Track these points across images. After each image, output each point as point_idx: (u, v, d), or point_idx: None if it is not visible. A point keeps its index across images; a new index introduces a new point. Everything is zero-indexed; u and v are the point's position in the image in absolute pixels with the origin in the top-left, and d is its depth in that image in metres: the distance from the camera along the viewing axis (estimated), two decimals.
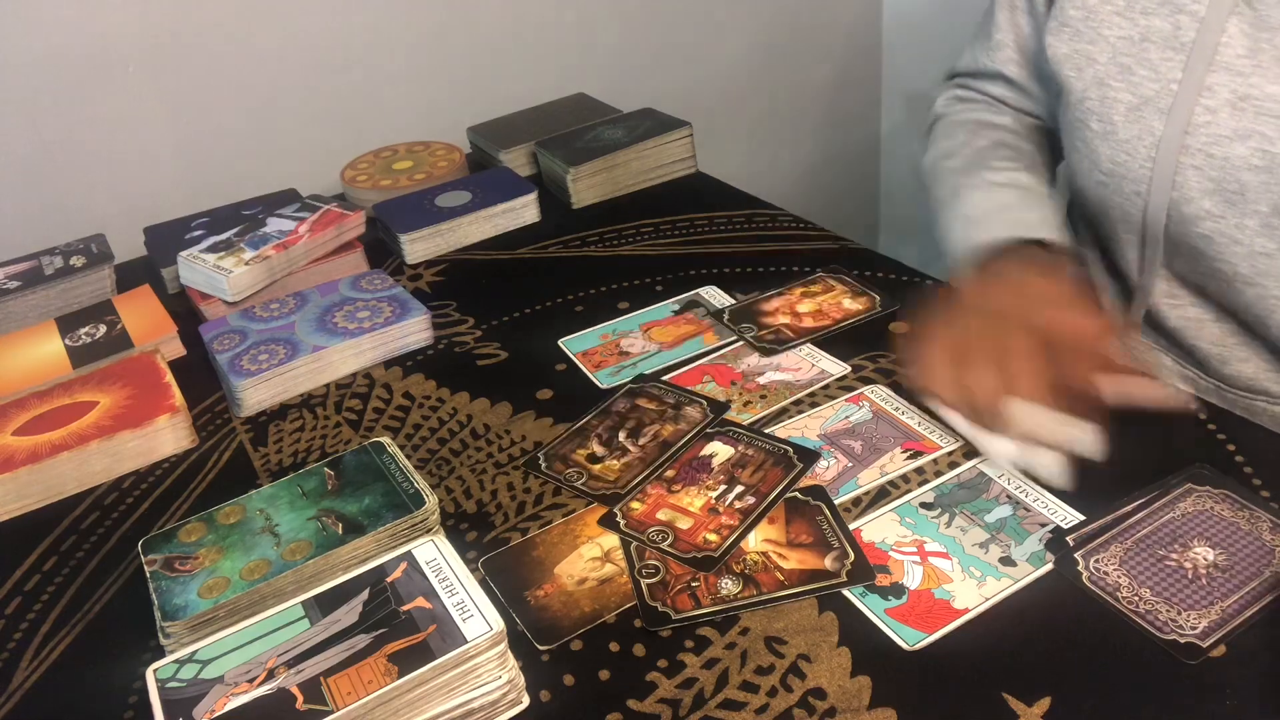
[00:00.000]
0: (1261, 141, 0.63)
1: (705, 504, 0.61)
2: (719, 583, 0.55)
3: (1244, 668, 0.47)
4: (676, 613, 0.53)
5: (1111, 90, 0.70)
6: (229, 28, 1.17)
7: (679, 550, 0.58)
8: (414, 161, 1.12)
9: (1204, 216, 0.67)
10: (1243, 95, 0.63)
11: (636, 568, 0.57)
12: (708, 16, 1.53)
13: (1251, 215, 0.65)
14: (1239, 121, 0.64)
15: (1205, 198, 0.66)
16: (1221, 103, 0.64)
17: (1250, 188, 0.64)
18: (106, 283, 0.95)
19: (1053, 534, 0.55)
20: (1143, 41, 0.68)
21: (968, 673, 0.49)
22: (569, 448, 0.68)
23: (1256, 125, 0.63)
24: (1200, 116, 0.65)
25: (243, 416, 0.77)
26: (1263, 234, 0.65)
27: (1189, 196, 0.67)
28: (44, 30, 1.07)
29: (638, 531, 0.60)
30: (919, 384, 0.63)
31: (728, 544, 0.58)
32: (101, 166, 1.14)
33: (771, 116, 1.66)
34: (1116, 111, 0.70)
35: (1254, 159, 0.63)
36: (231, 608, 0.55)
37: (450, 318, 0.87)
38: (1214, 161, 0.65)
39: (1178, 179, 0.67)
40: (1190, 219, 0.68)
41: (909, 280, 0.83)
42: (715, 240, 0.94)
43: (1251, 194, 0.64)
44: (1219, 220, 0.67)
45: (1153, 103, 0.67)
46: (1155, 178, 0.69)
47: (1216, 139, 0.65)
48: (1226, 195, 0.65)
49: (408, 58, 1.29)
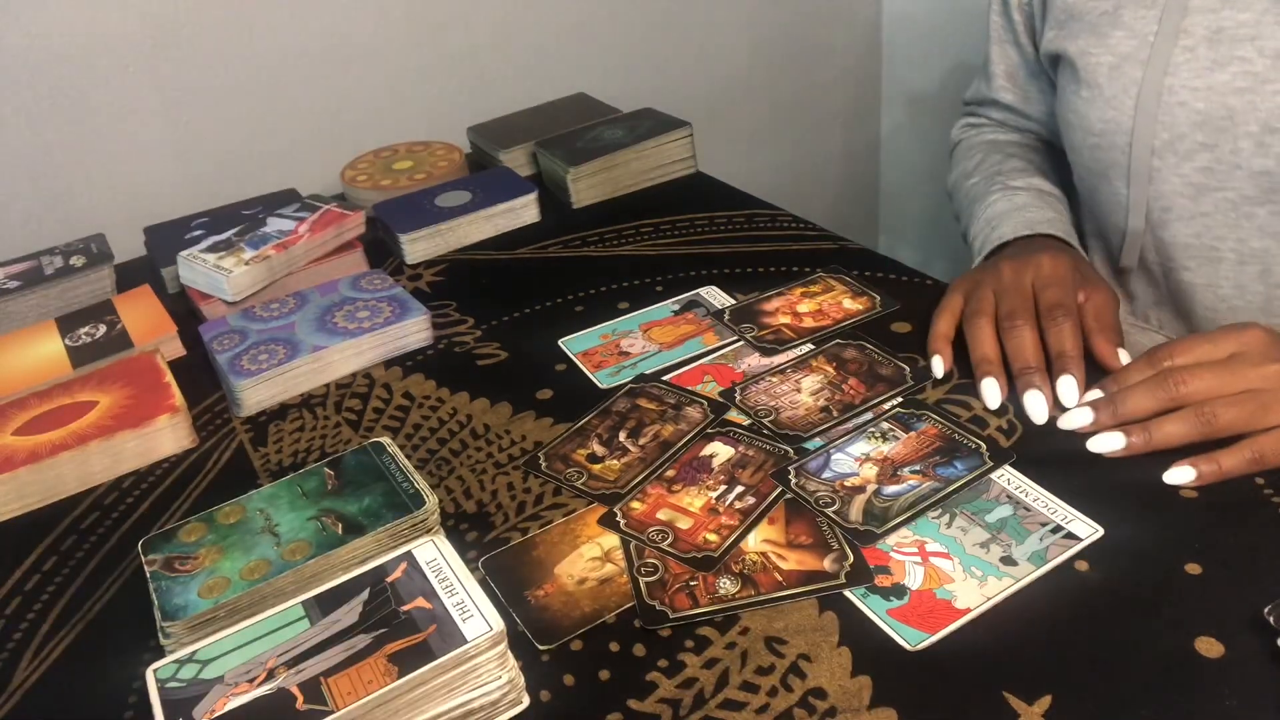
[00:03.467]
0: (1242, 64, 0.67)
1: (705, 504, 0.61)
2: (717, 582, 0.55)
3: (1244, 668, 0.47)
4: (674, 612, 0.53)
5: (1093, 57, 0.75)
6: (229, 28, 1.17)
7: (679, 550, 0.58)
8: (414, 161, 1.12)
9: (1198, 149, 0.70)
10: (1217, 29, 0.68)
11: (635, 566, 0.57)
12: (708, 17, 1.53)
13: (1244, 137, 0.68)
14: (1217, 52, 0.68)
15: (1196, 130, 0.70)
16: (1199, 40, 0.69)
17: (1237, 111, 0.68)
18: (106, 283, 0.95)
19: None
20: (1118, 10, 0.73)
21: (968, 672, 0.49)
22: (569, 448, 0.68)
23: (1235, 51, 0.67)
24: (1179, 57, 0.69)
25: (243, 416, 0.77)
26: (1259, 154, 0.68)
27: (1181, 133, 0.71)
28: (44, 30, 1.07)
29: (638, 531, 0.60)
30: (942, 329, 0.70)
31: (728, 544, 0.58)
32: (101, 167, 1.14)
33: (771, 116, 1.66)
34: (1099, 74, 0.74)
35: (1237, 81, 0.67)
36: (231, 608, 0.55)
37: (450, 318, 0.87)
38: (1198, 94, 0.69)
39: (1167, 119, 0.71)
40: (1185, 155, 0.71)
41: (909, 280, 0.83)
42: (715, 240, 0.94)
43: (1240, 116, 0.68)
44: (1213, 149, 0.70)
45: (1131, 57, 0.72)
46: (1138, 124, 0.72)
47: (1199, 72, 0.69)
48: (1215, 123, 0.69)
49: (408, 58, 1.29)
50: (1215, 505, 0.56)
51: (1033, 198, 0.82)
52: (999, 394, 0.65)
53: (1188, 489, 0.57)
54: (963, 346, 0.70)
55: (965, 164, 0.94)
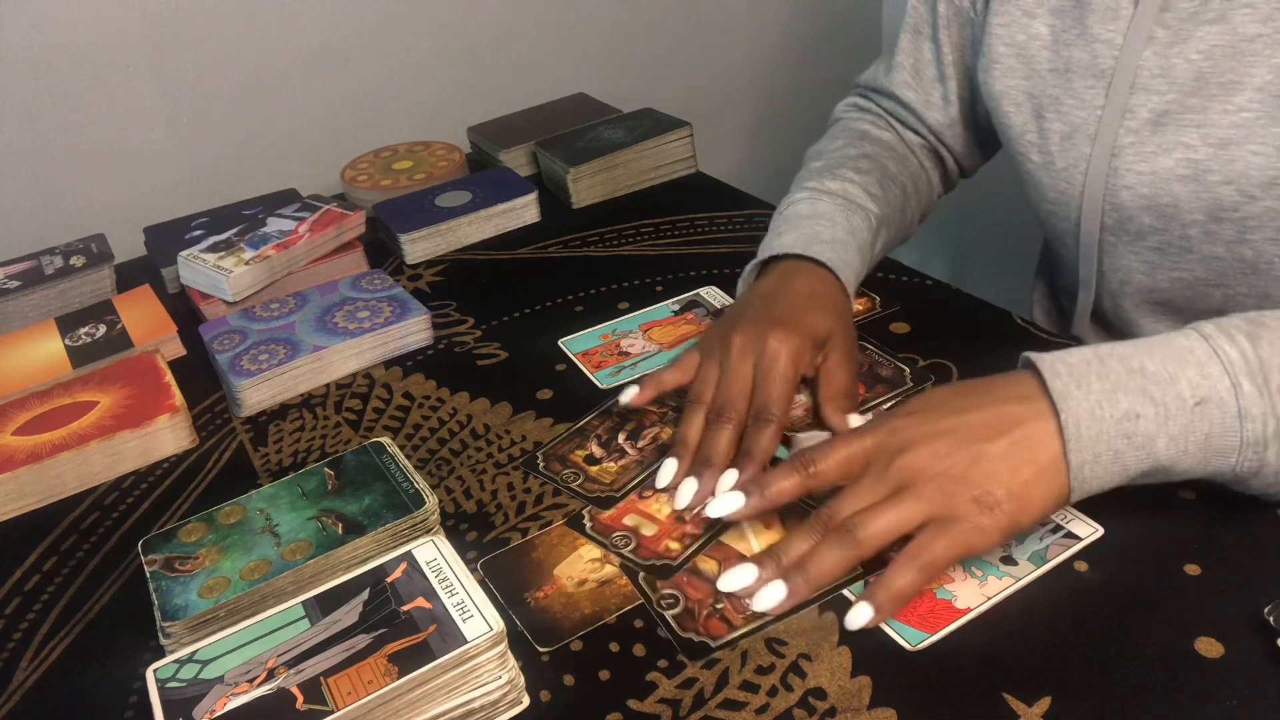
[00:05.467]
0: (1185, 151, 0.64)
1: (673, 511, 0.61)
2: (742, 600, 0.54)
3: (1244, 668, 0.47)
4: (714, 640, 0.52)
5: (1047, 121, 0.71)
6: (229, 27, 1.17)
7: (639, 556, 0.58)
8: (414, 161, 1.12)
9: (1148, 231, 0.68)
10: (1162, 112, 0.65)
11: (654, 600, 0.55)
12: (708, 16, 1.53)
13: (1191, 225, 0.66)
14: (1162, 137, 0.65)
15: (1144, 214, 0.68)
16: (1143, 122, 0.66)
17: (1182, 199, 0.65)
18: (106, 283, 0.95)
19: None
20: (1067, 72, 0.70)
21: (967, 672, 0.49)
22: (568, 448, 0.68)
23: (1179, 137, 0.64)
24: (1124, 138, 0.66)
25: (243, 416, 0.77)
26: (1206, 240, 0.66)
27: (1129, 215, 0.68)
28: (44, 29, 1.07)
29: (603, 536, 0.60)
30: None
31: (688, 553, 0.57)
32: (101, 166, 1.14)
33: (771, 116, 1.66)
34: (1053, 142, 0.71)
35: (1180, 169, 0.64)
36: (231, 608, 0.55)
37: (450, 318, 0.87)
38: (1144, 179, 0.66)
39: (1114, 200, 0.68)
40: (1136, 235, 0.69)
41: (909, 281, 0.83)
42: (715, 240, 0.94)
43: (1184, 204, 0.65)
44: (1162, 233, 0.68)
45: (1081, 130, 0.69)
46: (1086, 202, 0.70)
47: (1143, 156, 0.66)
48: (1161, 209, 0.66)
49: (408, 58, 1.29)
50: (1215, 505, 0.56)
51: (837, 206, 0.76)
52: (671, 476, 0.62)
53: (865, 627, 0.52)
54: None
55: (826, 143, 0.86)
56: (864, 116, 0.90)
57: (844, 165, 0.81)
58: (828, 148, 0.85)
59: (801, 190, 0.79)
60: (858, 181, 0.78)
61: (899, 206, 0.82)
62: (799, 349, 0.64)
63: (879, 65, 0.90)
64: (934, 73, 0.84)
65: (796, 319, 0.66)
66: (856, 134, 0.87)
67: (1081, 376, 0.52)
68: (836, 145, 0.85)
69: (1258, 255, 0.64)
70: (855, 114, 0.91)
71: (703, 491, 0.60)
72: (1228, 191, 0.63)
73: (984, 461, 0.52)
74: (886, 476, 0.53)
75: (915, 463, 0.53)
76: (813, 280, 0.70)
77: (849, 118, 0.91)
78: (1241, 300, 0.68)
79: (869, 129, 0.88)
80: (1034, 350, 0.55)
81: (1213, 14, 0.63)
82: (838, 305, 0.69)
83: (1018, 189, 0.78)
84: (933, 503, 0.52)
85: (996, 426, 0.52)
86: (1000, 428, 0.52)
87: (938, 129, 0.86)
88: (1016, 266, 1.31)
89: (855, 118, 0.90)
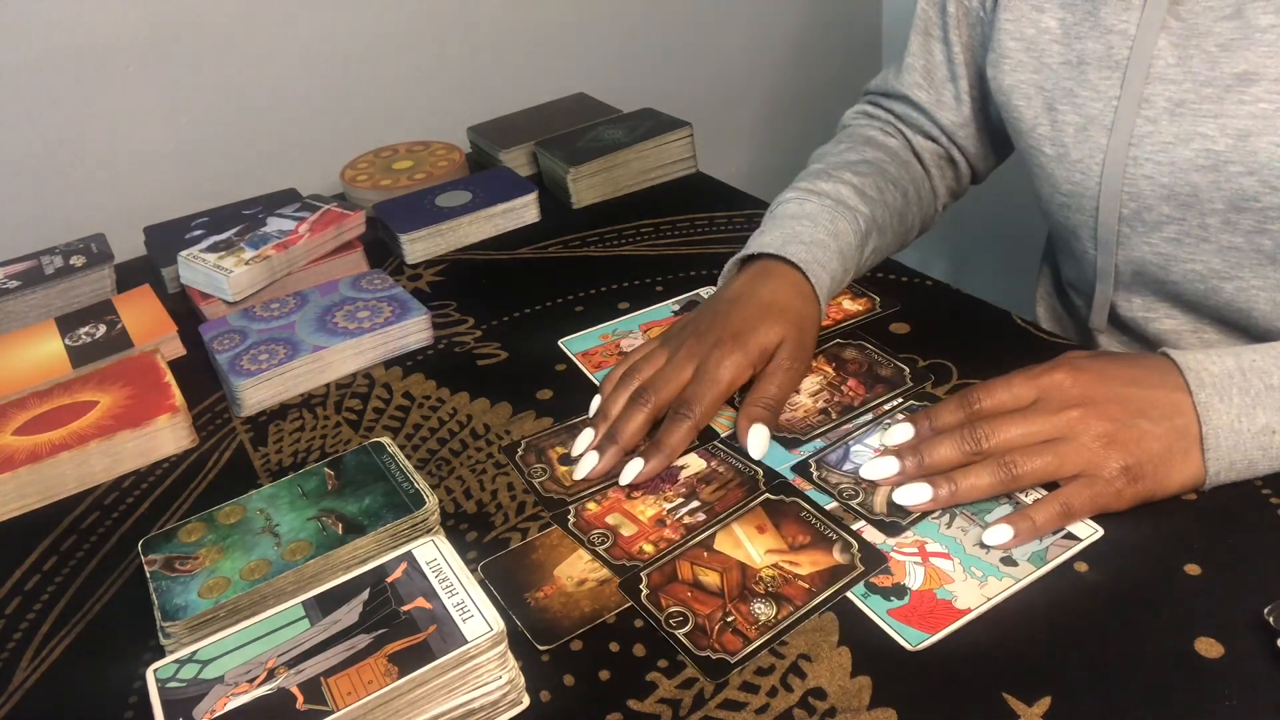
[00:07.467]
0: (1204, 142, 0.64)
1: (656, 514, 0.61)
2: (752, 610, 0.54)
3: (1244, 668, 0.47)
4: (732, 656, 0.52)
5: (1060, 114, 0.72)
6: (229, 27, 1.17)
7: (612, 556, 0.58)
8: (414, 161, 1.12)
9: (1166, 221, 0.69)
10: (1179, 102, 0.65)
11: (662, 620, 0.54)
12: (708, 16, 1.53)
13: (1210, 214, 0.66)
14: (1179, 126, 0.65)
15: (1162, 203, 0.68)
16: (1160, 112, 0.66)
17: (1201, 188, 0.66)
18: (106, 282, 0.95)
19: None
20: (1080, 64, 0.70)
21: (967, 672, 0.49)
22: (549, 442, 0.68)
23: (1197, 128, 0.65)
24: (1142, 127, 0.67)
25: (243, 416, 0.77)
26: (1225, 230, 0.67)
27: (1148, 204, 0.69)
28: (44, 30, 1.07)
29: (582, 532, 0.60)
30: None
31: (658, 558, 0.57)
32: (101, 166, 1.14)
33: (771, 116, 1.66)
34: (1066, 134, 0.71)
35: (1199, 160, 0.65)
36: (232, 608, 0.55)
37: (450, 318, 0.87)
38: (1162, 168, 0.67)
39: (1132, 189, 0.69)
40: (1153, 225, 0.70)
41: (909, 281, 0.83)
42: (715, 240, 0.94)
43: (1204, 194, 0.66)
44: (1180, 223, 0.68)
45: (1097, 120, 0.69)
46: (1104, 192, 0.70)
47: (1161, 146, 0.66)
48: (1180, 198, 0.67)
49: (408, 58, 1.29)
50: (1215, 506, 0.56)
51: (824, 208, 0.76)
52: (584, 446, 0.66)
53: (1002, 549, 0.55)
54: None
55: (830, 147, 0.87)
56: (872, 123, 0.90)
57: (842, 168, 0.81)
58: (830, 151, 0.86)
59: (793, 190, 0.79)
60: (853, 184, 0.79)
61: (898, 210, 0.82)
62: (741, 364, 0.66)
63: (888, 70, 0.91)
64: (945, 73, 0.85)
65: (749, 332, 0.68)
66: (861, 139, 0.87)
67: (1224, 389, 0.55)
68: (839, 149, 0.86)
69: (1276, 246, 0.65)
70: (863, 121, 0.92)
71: (601, 468, 0.64)
72: (1250, 182, 0.63)
73: (1147, 439, 0.55)
74: (1056, 420, 0.57)
75: (1086, 417, 0.56)
76: (780, 284, 0.71)
77: (856, 124, 0.91)
78: (1253, 293, 0.68)
79: (875, 135, 0.88)
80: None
81: (1228, 7, 0.63)
82: (798, 312, 0.70)
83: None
84: (1091, 460, 0.55)
85: (1161, 409, 0.56)
86: (1164, 411, 0.56)
87: (950, 130, 0.86)
88: (1017, 266, 1.31)
89: (863, 124, 0.91)
